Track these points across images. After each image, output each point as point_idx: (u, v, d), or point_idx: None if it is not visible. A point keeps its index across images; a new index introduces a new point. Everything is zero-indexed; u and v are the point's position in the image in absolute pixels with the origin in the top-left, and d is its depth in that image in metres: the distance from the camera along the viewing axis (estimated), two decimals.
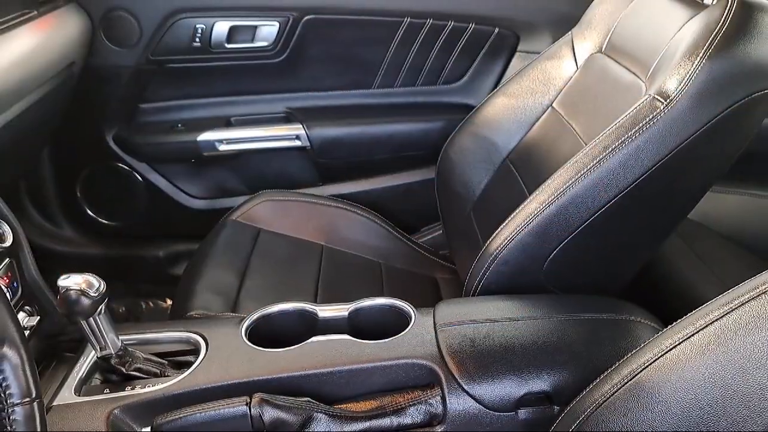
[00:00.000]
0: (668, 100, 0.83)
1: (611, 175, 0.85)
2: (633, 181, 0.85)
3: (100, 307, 0.73)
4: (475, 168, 1.30)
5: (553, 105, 1.21)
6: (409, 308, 0.85)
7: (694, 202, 0.92)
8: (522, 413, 0.72)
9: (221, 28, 1.42)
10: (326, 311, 0.86)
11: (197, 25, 1.41)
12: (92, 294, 0.71)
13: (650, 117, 0.84)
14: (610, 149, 0.85)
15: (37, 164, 1.51)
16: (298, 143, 1.51)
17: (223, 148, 1.49)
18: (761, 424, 0.53)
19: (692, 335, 0.59)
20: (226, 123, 1.53)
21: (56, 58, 1.17)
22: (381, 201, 1.53)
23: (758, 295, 0.57)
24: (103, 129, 1.49)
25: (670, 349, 0.60)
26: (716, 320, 0.58)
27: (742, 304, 0.57)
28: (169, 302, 1.58)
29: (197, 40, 1.42)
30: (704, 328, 0.59)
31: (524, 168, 1.19)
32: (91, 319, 0.73)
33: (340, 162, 1.55)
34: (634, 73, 1.00)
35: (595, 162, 0.86)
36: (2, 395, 0.48)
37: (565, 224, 0.88)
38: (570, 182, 0.87)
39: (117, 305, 1.57)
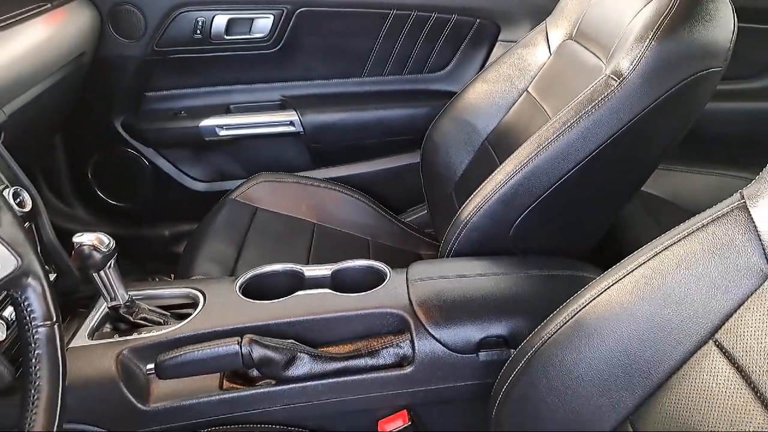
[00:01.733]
0: (621, 79, 0.91)
1: (570, 147, 0.93)
2: (590, 153, 0.92)
3: (110, 262, 0.81)
4: (457, 150, 1.37)
5: (528, 89, 1.28)
6: (385, 268, 0.93)
7: (648, 173, 0.99)
8: (482, 355, 0.80)
9: (220, 20, 1.50)
10: (312, 271, 0.94)
11: (198, 18, 1.48)
12: (103, 249, 0.80)
13: (605, 94, 0.91)
14: (569, 124, 0.93)
15: (51, 149, 1.59)
16: (292, 129, 1.58)
17: (222, 133, 1.57)
18: (681, 352, 0.61)
19: (623, 278, 0.67)
20: (226, 110, 1.60)
21: (68, 48, 1.25)
22: (370, 183, 1.60)
23: (677, 241, 0.64)
24: (111, 116, 1.57)
25: (605, 290, 0.68)
26: (643, 264, 0.66)
27: (665, 249, 0.65)
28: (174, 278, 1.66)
29: (198, 32, 1.50)
30: (633, 271, 0.67)
31: (501, 148, 1.27)
32: (102, 272, 0.81)
33: (332, 146, 1.62)
34: (597, 57, 1.08)
35: (555, 135, 0.93)
36: (27, 318, 0.57)
37: (528, 192, 0.95)
38: (533, 154, 0.94)
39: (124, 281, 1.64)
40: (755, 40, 1.43)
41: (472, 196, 1.00)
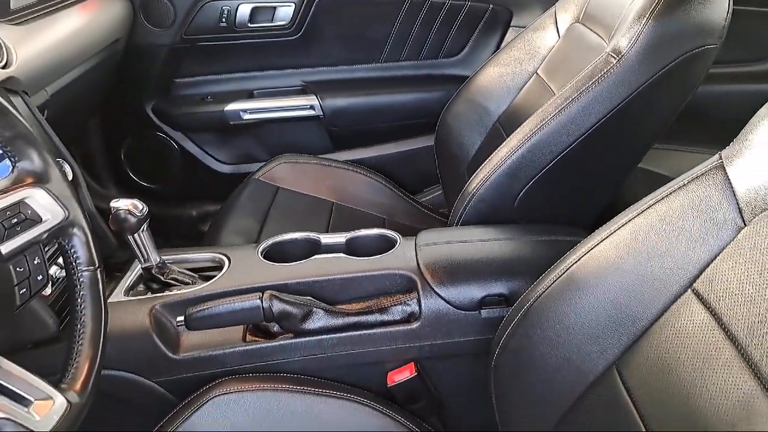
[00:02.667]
0: (620, 56, 0.95)
1: (571, 121, 0.97)
2: (591, 127, 0.97)
3: (143, 225, 0.88)
4: (470, 131, 1.42)
5: (538, 71, 1.33)
6: (396, 235, 0.98)
7: (646, 147, 1.03)
8: (484, 312, 0.86)
9: (244, 9, 1.57)
10: (328, 238, 1.00)
11: (223, 7, 1.55)
12: (137, 213, 0.87)
13: (605, 71, 0.95)
14: (570, 99, 0.97)
15: (88, 133, 1.68)
16: (312, 113, 1.65)
17: (246, 117, 1.64)
18: (663, 301, 0.66)
19: (611, 234, 0.72)
20: (249, 95, 1.67)
21: (103, 35, 1.33)
22: (387, 165, 1.66)
23: (661, 200, 0.69)
24: (143, 101, 1.65)
25: (595, 247, 0.73)
26: (629, 221, 0.71)
27: (649, 207, 0.70)
28: None
29: (223, 20, 1.57)
30: (620, 228, 0.72)
31: (511, 129, 1.29)
32: (136, 234, 0.88)
33: (350, 129, 1.68)
34: (601, 37, 1.12)
35: (557, 110, 0.98)
36: (74, 264, 0.64)
37: (532, 165, 1.00)
38: (536, 128, 0.99)
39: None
40: (762, 23, 1.45)
41: (479, 169, 1.05)
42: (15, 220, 0.58)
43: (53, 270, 0.89)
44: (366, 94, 1.66)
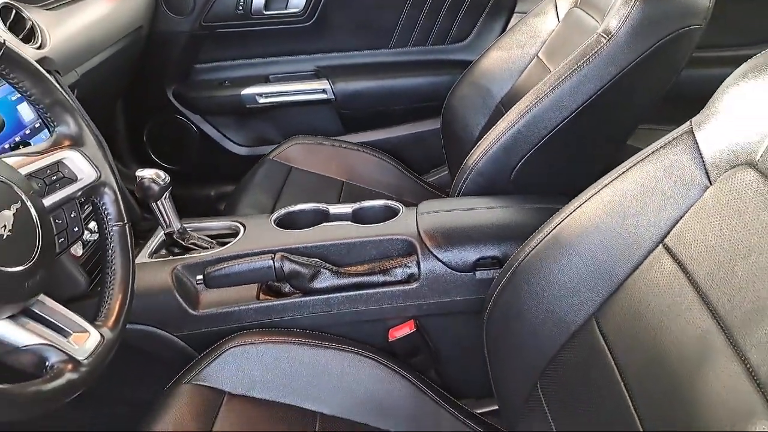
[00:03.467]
0: (610, 36, 1.00)
1: (563, 98, 1.02)
2: (582, 103, 1.02)
3: (165, 193, 0.95)
4: (474, 113, 1.47)
5: (538, 54, 1.37)
6: (399, 205, 1.05)
7: (634, 124, 1.08)
8: (478, 273, 0.92)
9: None
10: (336, 208, 1.07)
11: None
12: (160, 182, 0.94)
13: (595, 50, 1.00)
14: (563, 77, 1.02)
15: (113, 117, 1.76)
16: (324, 96, 1.71)
17: (262, 101, 1.71)
18: (637, 256, 0.72)
19: (592, 197, 0.78)
20: (265, 80, 1.74)
21: (127, 21, 1.40)
22: (395, 146, 1.72)
23: (636, 164, 0.74)
24: (164, 86, 1.73)
25: (577, 208, 0.79)
26: (608, 185, 0.77)
27: (626, 171, 0.75)
28: None
29: (240, 8, 1.63)
30: (600, 191, 0.77)
31: None
32: (159, 202, 0.95)
33: (361, 112, 1.74)
34: (595, 20, 1.17)
35: (551, 88, 1.03)
36: (105, 219, 0.71)
37: (527, 140, 1.05)
38: (531, 105, 1.05)
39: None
40: (748, 8, 1.48)
41: (478, 144, 1.11)
42: (54, 177, 0.66)
43: (84, 234, 0.96)
44: (376, 78, 1.72)
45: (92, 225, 0.98)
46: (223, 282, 0.92)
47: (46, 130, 0.99)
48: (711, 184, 0.66)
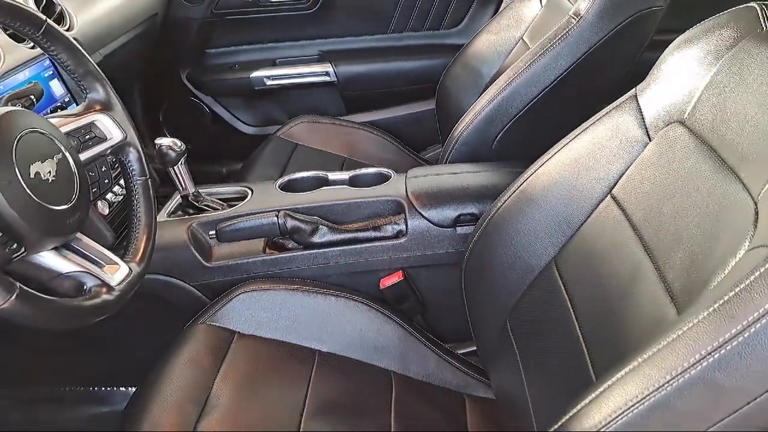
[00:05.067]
0: (579, 18, 1.08)
1: (538, 74, 1.11)
2: (555, 78, 1.11)
3: (181, 159, 1.06)
4: (465, 93, 1.55)
5: (523, 37, 1.46)
6: (390, 172, 1.14)
7: (603, 99, 1.16)
8: (459, 229, 1.02)
9: None
10: (334, 175, 1.17)
11: None
12: (177, 149, 1.04)
13: (566, 30, 1.09)
14: (537, 55, 1.11)
15: (131, 99, 1.86)
16: (327, 79, 1.81)
17: (269, 83, 1.81)
18: (590, 205, 0.81)
19: (553, 156, 0.87)
20: (272, 63, 1.84)
21: (143, 8, 1.50)
22: (394, 126, 1.81)
23: (590, 126, 0.84)
24: (178, 70, 1.83)
25: (540, 167, 0.88)
26: (566, 145, 0.86)
27: (581, 133, 0.85)
28: None
29: None
30: (559, 151, 0.87)
31: None
32: (176, 167, 1.06)
33: (362, 94, 1.84)
34: (571, 4, 1.25)
35: (526, 65, 1.12)
36: (130, 174, 0.81)
37: (506, 112, 1.15)
38: (509, 81, 1.14)
39: None
40: None
41: (462, 117, 1.20)
42: (88, 137, 0.76)
43: (109, 196, 1.07)
44: (375, 61, 1.81)
45: (116, 189, 1.09)
46: (233, 236, 1.02)
47: (74, 104, 1.09)
48: (650, 140, 0.75)
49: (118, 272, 0.71)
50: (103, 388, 1.18)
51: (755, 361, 0.44)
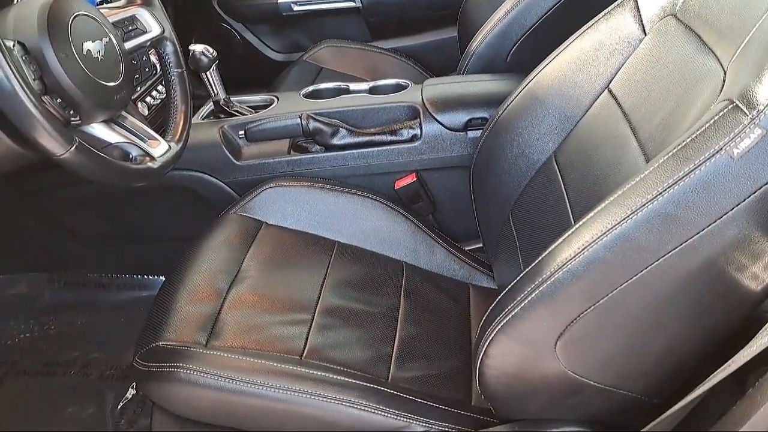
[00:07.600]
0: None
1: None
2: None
3: (213, 66, 1.14)
4: (486, 17, 1.59)
5: None
6: (408, 82, 1.21)
7: None
8: (470, 133, 1.08)
9: None
10: (355, 86, 1.24)
11: None
12: (209, 55, 1.12)
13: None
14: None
15: None
16: (352, 4, 1.85)
17: (296, 8, 1.86)
18: (589, 100, 0.87)
19: (556, 57, 0.93)
20: None
21: None
22: (416, 53, 1.84)
23: (592, 25, 0.89)
24: None
25: (544, 67, 0.94)
26: (570, 44, 0.91)
27: (584, 32, 0.90)
28: None
29: None
30: (564, 50, 0.92)
31: None
32: (209, 72, 1.14)
33: (386, 19, 1.87)
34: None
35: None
36: (167, 66, 0.89)
37: (520, 25, 1.19)
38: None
39: None
40: None
41: (478, 31, 1.25)
42: (131, 28, 0.84)
43: (148, 99, 1.16)
44: None
45: (154, 93, 1.18)
46: (260, 136, 1.11)
47: None
48: (646, 35, 0.80)
49: (159, 146, 0.81)
50: (143, 276, 1.30)
51: (704, 196, 0.51)
